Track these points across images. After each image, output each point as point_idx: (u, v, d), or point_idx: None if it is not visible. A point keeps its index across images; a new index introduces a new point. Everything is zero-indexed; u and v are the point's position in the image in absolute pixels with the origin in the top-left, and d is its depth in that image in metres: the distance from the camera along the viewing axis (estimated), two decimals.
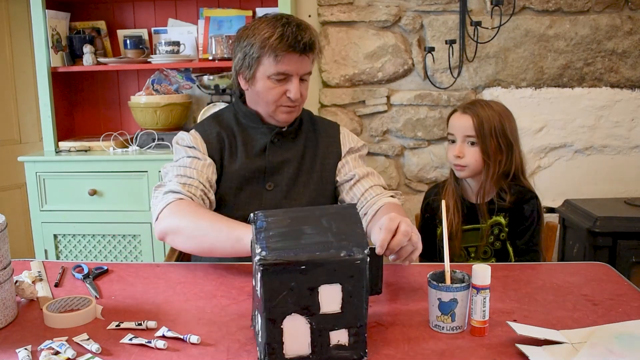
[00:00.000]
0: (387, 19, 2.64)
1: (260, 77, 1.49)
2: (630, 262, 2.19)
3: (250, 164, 1.55)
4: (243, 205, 1.53)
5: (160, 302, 1.18)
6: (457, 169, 1.73)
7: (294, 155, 1.58)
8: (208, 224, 1.31)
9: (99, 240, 2.56)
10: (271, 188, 1.55)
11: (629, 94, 2.60)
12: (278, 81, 1.48)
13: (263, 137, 1.57)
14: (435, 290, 1.01)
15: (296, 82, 1.48)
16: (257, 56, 1.46)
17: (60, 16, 2.70)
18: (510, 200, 1.68)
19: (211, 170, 1.51)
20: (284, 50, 1.43)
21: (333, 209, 1.02)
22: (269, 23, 1.46)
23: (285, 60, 1.45)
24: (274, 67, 1.46)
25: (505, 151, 1.69)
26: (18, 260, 1.44)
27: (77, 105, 2.91)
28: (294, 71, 1.47)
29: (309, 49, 1.47)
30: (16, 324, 1.09)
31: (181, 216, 1.35)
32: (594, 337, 0.97)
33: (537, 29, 2.58)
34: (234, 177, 1.54)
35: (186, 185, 1.43)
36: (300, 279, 0.90)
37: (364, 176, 1.58)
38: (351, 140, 1.65)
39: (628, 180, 2.65)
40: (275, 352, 0.91)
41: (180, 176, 1.46)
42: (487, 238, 1.71)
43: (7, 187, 3.03)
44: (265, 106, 1.53)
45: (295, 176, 1.56)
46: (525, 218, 1.69)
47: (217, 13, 2.70)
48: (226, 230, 1.28)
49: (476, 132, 1.67)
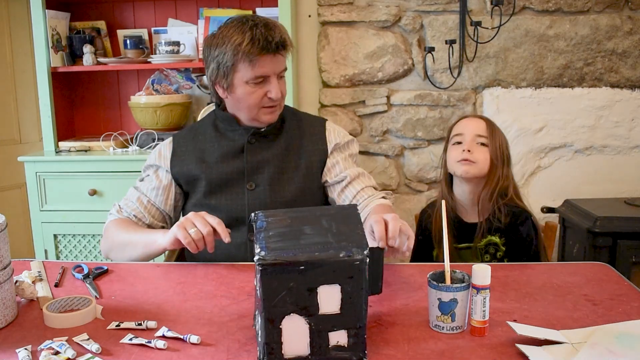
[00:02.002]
0: (387, 19, 2.64)
1: (239, 83, 1.49)
2: (630, 262, 2.19)
3: (228, 166, 1.56)
4: (225, 207, 1.55)
5: (160, 302, 1.19)
6: (464, 164, 1.67)
7: (274, 154, 1.58)
8: (132, 235, 1.49)
9: (99, 240, 2.55)
10: (252, 188, 1.56)
11: (629, 94, 2.60)
12: (257, 84, 1.49)
13: (241, 138, 1.58)
14: (435, 290, 1.01)
15: (275, 82, 1.50)
16: (231, 64, 1.47)
17: (60, 16, 2.70)
18: (505, 221, 1.66)
19: (159, 193, 1.59)
20: (258, 53, 1.44)
21: (333, 209, 1.02)
22: (236, 28, 1.45)
23: (261, 62, 1.45)
24: (251, 72, 1.46)
25: (506, 165, 1.70)
26: (18, 260, 1.44)
27: (77, 105, 2.92)
28: (271, 72, 1.48)
29: (281, 47, 1.47)
30: (16, 324, 1.09)
31: (110, 235, 1.55)
32: (594, 337, 0.97)
33: (537, 29, 2.58)
34: (213, 181, 1.56)
35: (122, 209, 1.60)
36: (299, 279, 0.90)
37: (355, 177, 1.59)
38: (337, 135, 1.64)
39: (628, 180, 2.65)
40: (275, 352, 0.91)
41: (125, 199, 1.62)
42: (482, 257, 1.70)
43: (7, 187, 3.04)
44: (247, 111, 1.54)
45: (278, 175, 1.57)
46: (523, 239, 1.66)
47: (217, 13, 2.70)
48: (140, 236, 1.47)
49: (488, 134, 1.68)
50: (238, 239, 1.51)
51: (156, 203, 1.60)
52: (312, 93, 2.76)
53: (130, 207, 1.59)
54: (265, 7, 2.68)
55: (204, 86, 2.68)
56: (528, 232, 1.67)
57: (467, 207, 1.74)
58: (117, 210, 1.60)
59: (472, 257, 1.71)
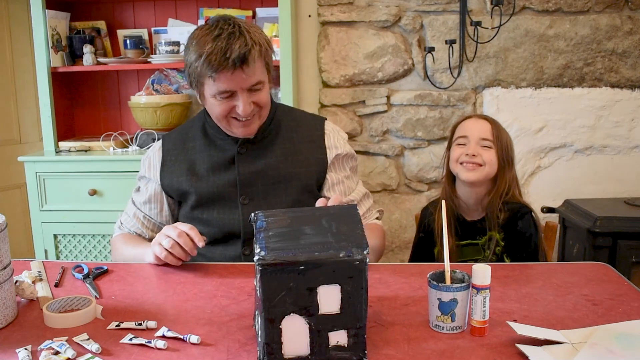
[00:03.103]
0: (387, 19, 2.63)
1: (207, 95, 1.41)
2: (630, 262, 2.19)
3: (219, 179, 1.49)
4: (217, 221, 1.49)
5: (160, 302, 1.19)
6: (467, 169, 1.65)
7: (268, 163, 1.49)
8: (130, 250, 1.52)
9: (99, 240, 2.56)
10: (246, 202, 1.48)
11: (629, 94, 2.59)
12: (224, 98, 1.39)
13: (231, 148, 1.50)
14: (435, 290, 1.01)
15: (243, 97, 1.38)
16: (196, 76, 1.39)
17: (60, 16, 2.70)
18: (504, 216, 1.65)
19: (153, 207, 1.58)
20: (215, 70, 1.33)
21: (333, 209, 1.02)
22: (204, 36, 1.35)
23: (222, 78, 1.35)
24: (214, 87, 1.37)
25: (512, 167, 1.70)
26: (18, 260, 1.44)
27: (77, 105, 2.91)
28: (236, 87, 1.37)
29: (241, 63, 1.33)
30: (16, 324, 1.09)
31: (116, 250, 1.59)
32: (594, 337, 0.97)
33: (537, 29, 2.58)
34: (204, 195, 1.50)
35: (123, 225, 1.63)
36: (299, 279, 0.90)
37: (361, 199, 1.58)
38: (337, 143, 1.56)
39: (628, 180, 2.65)
40: (275, 352, 0.91)
41: (125, 213, 1.65)
42: (483, 252, 1.70)
43: (7, 187, 3.04)
44: (218, 122, 1.47)
45: (273, 185, 1.49)
46: (522, 234, 1.65)
47: (217, 13, 2.70)
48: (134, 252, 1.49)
49: (494, 136, 1.66)
50: (232, 252, 1.48)
51: (152, 216, 1.59)
52: (312, 93, 2.76)
53: (130, 224, 1.61)
54: (265, 7, 2.67)
55: None
56: (527, 227, 1.65)
57: (470, 206, 1.73)
58: (118, 226, 1.64)
59: (473, 253, 1.71)
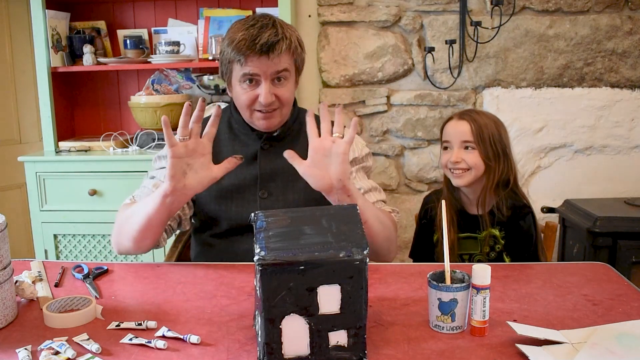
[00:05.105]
0: (387, 19, 2.64)
1: (235, 82, 1.47)
2: (630, 262, 2.19)
3: (241, 173, 1.51)
4: (235, 214, 1.51)
5: (160, 302, 1.18)
6: (455, 176, 1.69)
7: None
8: (134, 207, 1.41)
9: (99, 240, 2.56)
10: (265, 196, 1.52)
11: (629, 94, 2.60)
12: (249, 85, 1.45)
13: (254, 143, 1.54)
14: (435, 290, 1.01)
15: (266, 85, 1.43)
16: (228, 62, 1.46)
17: (60, 16, 2.70)
18: (506, 214, 1.66)
19: None
20: (243, 53, 1.40)
21: (333, 209, 1.01)
22: (238, 27, 1.43)
23: (249, 61, 1.41)
24: (241, 70, 1.43)
25: (503, 158, 1.68)
26: (18, 260, 1.44)
27: (77, 105, 2.92)
28: (260, 72, 1.42)
29: (267, 50, 1.40)
30: (16, 324, 1.09)
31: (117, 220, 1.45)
32: (594, 337, 0.97)
33: (537, 29, 2.58)
34: (224, 187, 1.51)
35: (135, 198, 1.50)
36: (299, 279, 0.90)
37: (367, 191, 1.55)
38: (355, 147, 1.58)
39: (628, 180, 2.65)
40: (275, 352, 0.91)
41: (140, 188, 1.53)
42: (482, 247, 1.70)
43: (7, 187, 3.04)
44: (242, 112, 1.51)
45: (292, 182, 1.51)
46: (523, 234, 1.66)
47: (217, 13, 2.70)
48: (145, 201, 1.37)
49: (474, 137, 1.66)
50: (247, 244, 1.48)
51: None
52: (312, 93, 2.76)
53: (146, 193, 1.47)
54: (265, 7, 2.67)
55: (204, 86, 2.68)
56: (529, 227, 1.67)
57: (471, 200, 1.74)
58: (130, 200, 1.51)
59: (473, 247, 1.72)
